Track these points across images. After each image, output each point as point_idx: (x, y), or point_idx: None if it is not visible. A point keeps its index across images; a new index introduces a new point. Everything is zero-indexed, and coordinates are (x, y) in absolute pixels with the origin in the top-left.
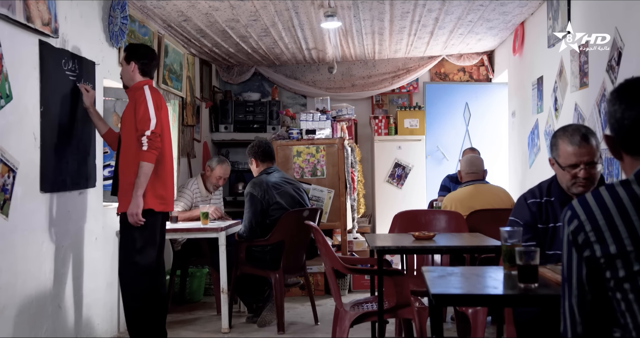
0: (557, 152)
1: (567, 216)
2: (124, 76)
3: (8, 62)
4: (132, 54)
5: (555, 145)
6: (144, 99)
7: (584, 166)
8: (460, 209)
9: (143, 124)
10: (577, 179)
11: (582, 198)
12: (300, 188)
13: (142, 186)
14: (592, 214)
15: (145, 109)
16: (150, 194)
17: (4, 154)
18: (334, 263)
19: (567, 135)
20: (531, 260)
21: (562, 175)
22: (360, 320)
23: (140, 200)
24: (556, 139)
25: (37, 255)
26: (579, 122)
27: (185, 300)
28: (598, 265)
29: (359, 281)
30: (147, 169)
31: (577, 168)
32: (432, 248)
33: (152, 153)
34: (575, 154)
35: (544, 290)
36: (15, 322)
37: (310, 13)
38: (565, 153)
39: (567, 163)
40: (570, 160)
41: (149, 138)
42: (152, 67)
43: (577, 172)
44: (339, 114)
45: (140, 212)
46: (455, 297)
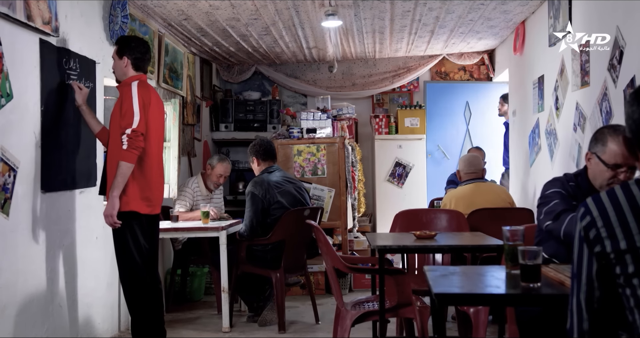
0: (604, 148)
1: (580, 212)
2: (116, 71)
3: (8, 60)
4: (123, 47)
5: (602, 141)
6: (130, 96)
7: (626, 168)
8: (462, 206)
9: (126, 121)
10: (615, 179)
11: (596, 196)
12: (301, 188)
13: (118, 187)
14: (605, 211)
15: (129, 105)
16: (136, 196)
17: (5, 152)
18: (335, 263)
19: (618, 134)
20: (534, 259)
21: (600, 172)
22: (361, 320)
23: (116, 201)
24: (605, 135)
25: (38, 254)
26: (580, 122)
27: (186, 299)
28: (608, 260)
29: (360, 280)
30: (125, 168)
31: (620, 168)
32: (434, 248)
33: (132, 152)
34: (623, 154)
35: (546, 289)
36: (16, 321)
37: (311, 12)
38: (613, 151)
39: (612, 162)
40: (617, 159)
41: (129, 136)
42: (146, 61)
43: (619, 173)
44: (340, 113)
45: (115, 213)
46: (457, 296)
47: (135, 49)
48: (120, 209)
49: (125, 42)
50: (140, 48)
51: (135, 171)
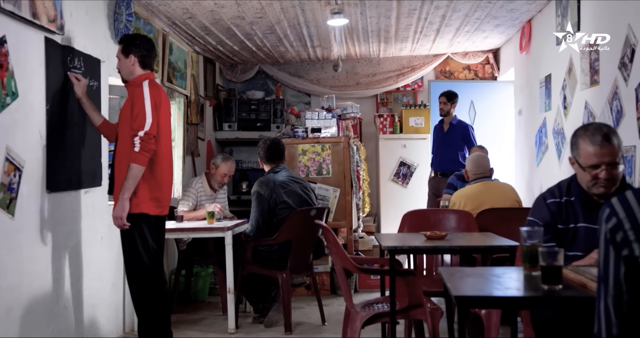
0: (578, 152)
1: (605, 214)
2: (122, 70)
3: (14, 59)
4: (129, 46)
5: (575, 144)
6: (142, 97)
7: (605, 167)
8: (470, 206)
9: (138, 124)
10: (598, 180)
11: (622, 196)
12: (307, 187)
13: (129, 189)
14: (632, 212)
15: (141, 107)
16: (146, 197)
17: (10, 152)
18: (345, 264)
19: (588, 135)
20: (555, 260)
21: (582, 176)
22: (371, 321)
23: (127, 203)
24: (577, 138)
25: (43, 255)
26: (589, 120)
27: (190, 299)
28: (636, 264)
29: (365, 281)
30: (136, 171)
31: (598, 168)
32: (446, 248)
33: (144, 155)
34: (596, 154)
35: (569, 291)
36: (22, 323)
37: (317, 10)
38: (586, 153)
39: (588, 163)
40: (592, 160)
41: (141, 139)
42: (152, 58)
43: (598, 173)
44: (344, 112)
45: (125, 216)
46: (479, 299)
47: (141, 46)
48: (130, 211)
49: (130, 41)
50: (146, 45)
51: (145, 172)
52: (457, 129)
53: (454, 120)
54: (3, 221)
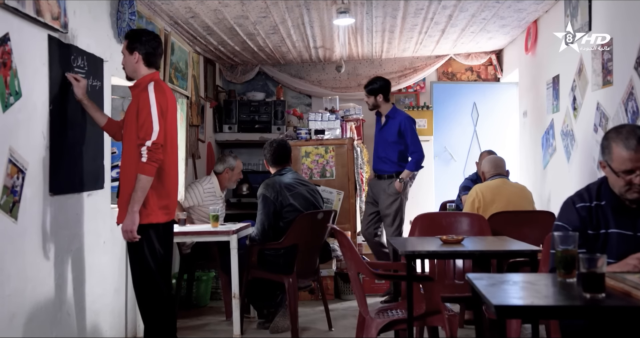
0: (610, 156)
1: None
2: (126, 67)
3: (17, 57)
4: (134, 42)
5: (607, 148)
6: (147, 103)
7: (639, 172)
8: (489, 196)
9: (144, 133)
10: (632, 185)
11: None
12: (314, 190)
13: (138, 201)
14: None
15: (147, 115)
16: (155, 206)
17: (13, 153)
18: (360, 269)
19: (621, 138)
20: (596, 267)
21: (615, 181)
22: (387, 328)
23: (136, 216)
24: (609, 141)
25: (46, 259)
26: (601, 122)
27: (192, 304)
28: None
29: (369, 284)
30: (145, 182)
31: (632, 174)
32: (465, 253)
33: (152, 165)
34: (630, 159)
35: (613, 300)
36: (25, 330)
37: (322, 9)
38: (620, 158)
39: (621, 168)
40: (625, 165)
41: (149, 149)
42: (158, 56)
43: (632, 178)
44: (347, 113)
45: (135, 229)
46: (521, 308)
47: (147, 43)
48: (140, 222)
49: (136, 36)
50: (152, 42)
51: (154, 181)
52: (392, 123)
53: (390, 112)
54: (6, 225)
